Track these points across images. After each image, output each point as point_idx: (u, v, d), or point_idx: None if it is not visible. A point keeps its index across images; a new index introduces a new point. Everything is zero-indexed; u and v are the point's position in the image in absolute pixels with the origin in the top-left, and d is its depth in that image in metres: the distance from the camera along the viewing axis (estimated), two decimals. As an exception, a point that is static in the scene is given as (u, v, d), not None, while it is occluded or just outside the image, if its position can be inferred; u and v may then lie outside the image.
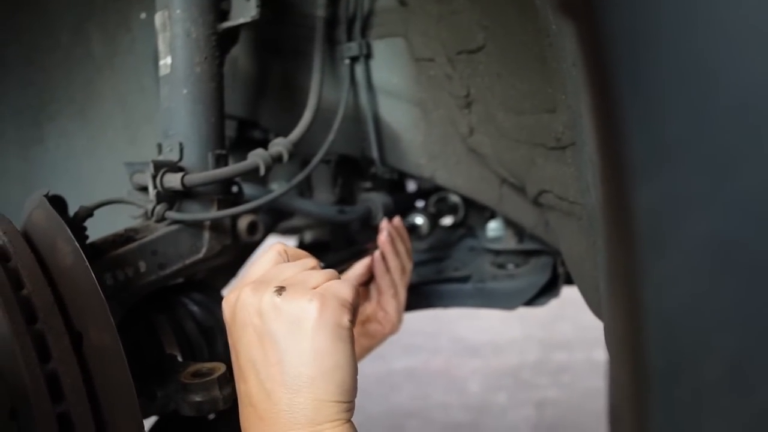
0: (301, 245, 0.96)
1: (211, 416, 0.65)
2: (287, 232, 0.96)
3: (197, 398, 0.41)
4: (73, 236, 0.39)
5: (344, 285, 0.43)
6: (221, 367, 0.43)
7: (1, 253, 0.38)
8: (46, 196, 0.44)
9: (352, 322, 0.41)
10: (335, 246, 0.89)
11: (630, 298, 0.15)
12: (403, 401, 2.28)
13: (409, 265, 0.72)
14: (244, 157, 0.58)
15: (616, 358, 0.18)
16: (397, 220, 0.74)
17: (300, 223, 0.95)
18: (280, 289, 0.41)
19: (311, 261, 0.47)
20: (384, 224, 0.71)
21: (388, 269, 0.68)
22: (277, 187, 0.85)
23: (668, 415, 0.16)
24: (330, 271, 0.44)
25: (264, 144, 0.85)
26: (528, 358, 2.61)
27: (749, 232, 0.13)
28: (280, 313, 0.40)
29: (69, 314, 0.37)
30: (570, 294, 0.84)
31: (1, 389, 0.37)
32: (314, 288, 0.42)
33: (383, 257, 0.69)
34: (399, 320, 0.70)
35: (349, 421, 0.40)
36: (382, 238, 0.69)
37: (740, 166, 0.13)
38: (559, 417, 2.11)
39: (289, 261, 0.46)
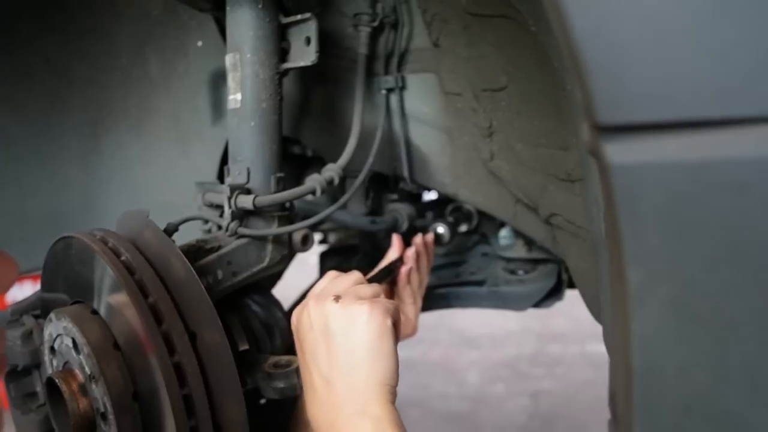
0: (327, 244, 1.06)
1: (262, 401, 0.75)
2: (313, 232, 1.05)
3: (281, 384, 0.51)
4: (182, 254, 0.49)
5: (389, 301, 0.54)
6: (296, 360, 0.53)
7: (127, 267, 0.47)
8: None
9: (395, 326, 0.52)
10: (364, 250, 0.99)
11: (624, 325, 0.26)
12: (403, 391, 2.32)
13: (426, 280, 0.82)
14: (286, 171, 0.67)
15: (614, 358, 0.29)
16: (429, 237, 0.84)
17: (325, 227, 1.06)
18: (337, 298, 0.52)
19: (358, 274, 0.59)
20: (417, 240, 0.81)
21: (409, 281, 0.78)
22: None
23: (646, 393, 0.26)
24: (375, 286, 0.56)
25: (303, 158, 0.95)
26: (525, 350, 2.69)
27: (694, 297, 0.24)
28: (338, 315, 0.51)
29: (184, 318, 0.47)
30: (566, 291, 0.93)
31: (126, 377, 0.47)
32: (364, 298, 0.53)
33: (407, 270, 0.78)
34: (416, 324, 0.81)
35: (392, 402, 0.50)
36: (410, 253, 0.78)
37: (688, 261, 0.24)
38: (553, 407, 2.20)
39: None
